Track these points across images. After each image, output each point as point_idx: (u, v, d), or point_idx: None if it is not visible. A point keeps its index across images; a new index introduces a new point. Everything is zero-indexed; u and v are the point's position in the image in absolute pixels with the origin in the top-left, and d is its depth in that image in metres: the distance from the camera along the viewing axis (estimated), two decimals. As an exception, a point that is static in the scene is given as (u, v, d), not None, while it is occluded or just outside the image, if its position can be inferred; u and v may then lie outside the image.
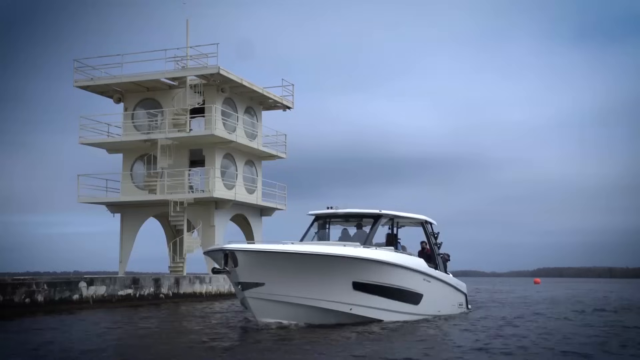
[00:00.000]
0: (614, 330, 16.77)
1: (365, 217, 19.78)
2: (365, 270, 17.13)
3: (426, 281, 19.62)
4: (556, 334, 15.35)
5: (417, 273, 19.19)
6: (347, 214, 19.97)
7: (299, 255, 16.16)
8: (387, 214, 19.62)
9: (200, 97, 27.98)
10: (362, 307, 17.34)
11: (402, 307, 18.50)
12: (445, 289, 21.38)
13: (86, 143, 29.32)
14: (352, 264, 16.83)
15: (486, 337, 14.90)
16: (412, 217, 20.85)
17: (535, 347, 13.02)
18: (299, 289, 16.26)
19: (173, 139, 27.99)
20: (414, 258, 19.57)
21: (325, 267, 16.43)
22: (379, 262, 17.50)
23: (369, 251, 17.60)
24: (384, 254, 17.98)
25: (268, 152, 31.46)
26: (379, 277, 17.53)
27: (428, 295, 19.56)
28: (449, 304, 21.61)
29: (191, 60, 28.12)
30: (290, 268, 16.06)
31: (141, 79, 28.26)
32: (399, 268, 18.25)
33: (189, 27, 29.49)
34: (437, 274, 20.63)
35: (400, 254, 19.00)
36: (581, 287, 68.49)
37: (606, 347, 13.14)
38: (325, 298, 16.70)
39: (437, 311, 20.32)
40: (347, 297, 16.97)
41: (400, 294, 18.34)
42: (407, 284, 18.57)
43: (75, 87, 29.21)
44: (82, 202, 29.31)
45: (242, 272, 15.67)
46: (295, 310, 16.39)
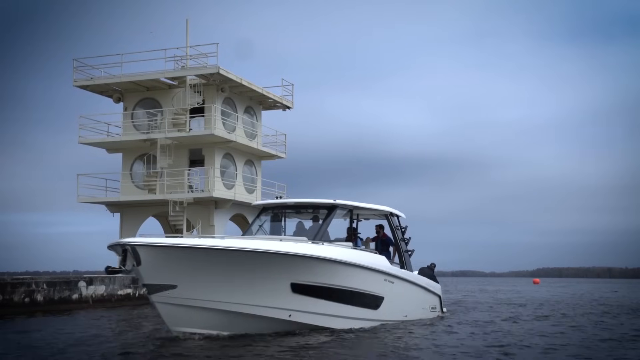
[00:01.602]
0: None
1: (318, 208, 17.50)
2: (306, 269, 14.81)
3: (388, 282, 17.50)
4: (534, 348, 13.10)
5: (376, 273, 16.97)
6: (297, 205, 17.82)
7: (217, 251, 13.52)
8: (343, 205, 17.39)
9: (199, 97, 27.97)
10: (304, 313, 15.00)
11: (356, 313, 16.33)
12: (413, 291, 19.25)
13: (86, 143, 29.31)
14: (289, 262, 14.41)
15: (438, 347, 13.14)
16: (374, 208, 18.64)
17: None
18: (221, 291, 13.80)
19: (173, 139, 27.98)
20: (373, 255, 17.44)
21: (254, 266, 14.01)
22: (323, 260, 15.08)
23: (311, 247, 15.15)
24: (330, 250, 15.56)
25: (268, 151, 31.45)
26: (324, 277, 15.24)
27: (390, 298, 17.45)
28: (419, 308, 19.52)
29: (191, 60, 28.11)
30: (209, 267, 13.58)
31: (141, 78, 28.24)
32: (351, 267, 15.96)
33: (189, 27, 29.49)
34: (402, 274, 18.47)
35: (356, 251, 16.84)
36: (580, 287, 68.51)
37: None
38: (257, 303, 14.21)
39: (404, 316, 18.34)
40: (285, 301, 14.57)
41: (354, 297, 16.12)
42: (363, 286, 16.42)
43: (75, 86, 29.21)
44: (81, 201, 29.30)
45: (146, 272, 13.06)
46: (218, 317, 13.93)
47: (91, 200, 29.34)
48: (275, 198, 17.82)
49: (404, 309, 18.47)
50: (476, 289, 57.07)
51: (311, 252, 14.87)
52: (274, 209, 17.92)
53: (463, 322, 18.99)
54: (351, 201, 17.59)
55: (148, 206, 29.20)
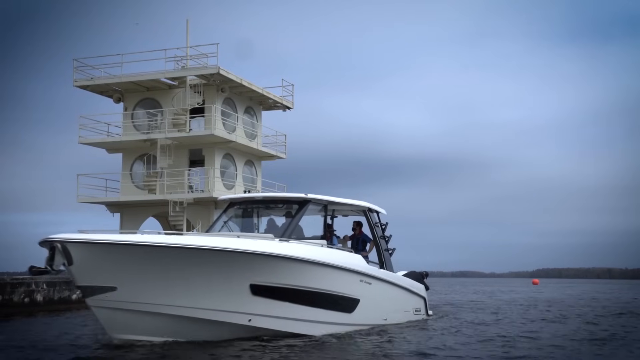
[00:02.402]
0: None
1: (289, 203, 16.25)
2: (266, 269, 13.46)
3: (365, 283, 16.31)
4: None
5: (350, 273, 15.74)
6: (266, 200, 16.63)
7: (162, 249, 12.14)
8: (316, 200, 16.13)
9: (200, 97, 27.98)
10: (265, 318, 13.72)
11: (327, 316, 15.06)
12: (394, 292, 18.12)
13: (86, 143, 29.31)
14: (246, 261, 13.02)
15: (416, 351, 12.38)
16: (350, 203, 17.55)
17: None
18: (168, 294, 12.45)
19: (173, 139, 27.99)
20: (347, 254, 16.25)
21: (207, 265, 12.66)
22: (287, 260, 13.70)
23: (272, 245, 13.70)
24: (296, 248, 14.24)
25: (268, 152, 31.46)
26: (289, 278, 13.91)
27: (367, 301, 16.26)
28: (400, 310, 18.45)
29: (191, 60, 28.12)
30: (153, 266, 12.19)
31: (141, 78, 28.25)
32: (321, 267, 14.64)
33: (189, 28, 29.50)
34: (381, 274, 17.37)
35: (327, 249, 15.50)
36: (580, 288, 68.47)
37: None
38: (211, 306, 12.93)
39: (383, 319, 17.25)
40: (243, 304, 13.28)
41: (325, 300, 14.84)
42: (335, 287, 15.16)
43: (75, 86, 29.21)
44: (81, 201, 29.30)
45: (80, 273, 11.73)
46: (165, 323, 12.61)
47: (91, 200, 29.33)
48: (243, 192, 16.64)
49: (383, 312, 17.42)
50: (470, 290, 56.94)
51: (271, 250, 13.48)
52: (242, 204, 16.74)
53: (447, 325, 18.26)
54: (326, 196, 16.53)
55: (148, 206, 29.20)
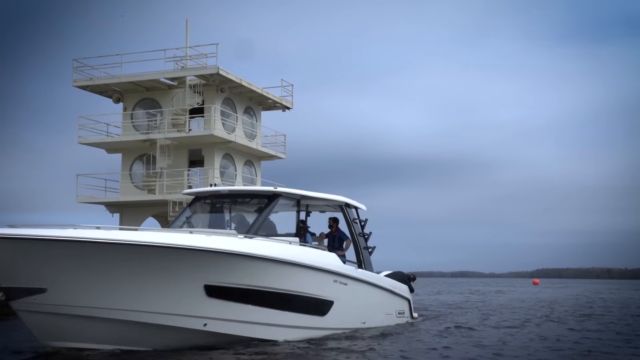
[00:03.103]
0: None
1: (257, 197, 15.26)
2: (223, 268, 12.32)
3: (339, 284, 15.24)
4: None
5: (322, 273, 14.64)
6: (233, 194, 15.56)
7: (99, 245, 10.83)
8: (288, 194, 15.15)
9: (199, 97, 27.98)
10: (223, 322, 12.60)
11: (296, 320, 14.00)
12: (374, 294, 17.05)
13: (85, 143, 29.31)
14: (199, 259, 11.87)
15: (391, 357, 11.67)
16: (325, 198, 16.43)
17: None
18: (109, 296, 11.22)
19: (172, 139, 27.99)
20: (319, 252, 15.15)
21: (154, 264, 11.45)
22: (247, 258, 12.56)
23: (229, 241, 12.51)
24: (259, 245, 13.03)
25: (267, 152, 31.47)
26: (250, 278, 12.78)
27: (342, 302, 15.20)
28: (381, 313, 17.44)
29: (190, 60, 28.12)
30: (90, 265, 10.94)
31: (140, 79, 28.25)
32: (287, 266, 13.49)
33: (189, 28, 29.50)
34: (359, 274, 16.34)
35: (296, 247, 14.42)
36: (578, 288, 68.47)
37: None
38: (159, 309, 11.71)
39: (361, 323, 16.27)
40: (197, 307, 12.16)
41: (293, 302, 13.74)
42: (306, 288, 14.08)
43: (75, 86, 29.21)
44: (80, 202, 29.29)
45: (2, 272, 10.55)
46: (109, 328, 11.39)
47: (90, 200, 29.33)
48: (209, 186, 15.56)
49: (362, 315, 16.36)
50: (466, 291, 56.84)
51: (227, 247, 12.26)
52: (207, 198, 15.57)
53: (433, 329, 17.36)
54: (299, 190, 15.57)
55: (147, 206, 29.19)
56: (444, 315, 22.42)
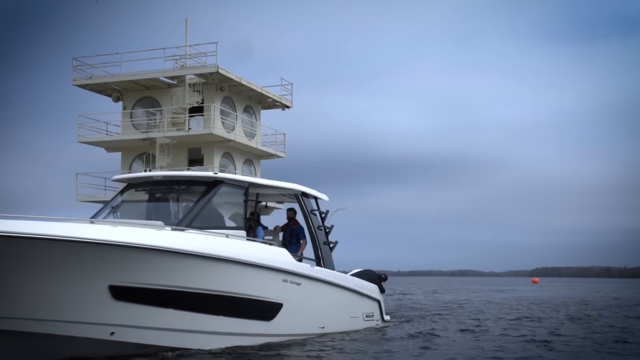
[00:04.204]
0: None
1: (195, 183, 13.47)
2: (134, 266, 10.41)
3: (291, 283, 13.61)
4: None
5: (268, 271, 12.91)
6: (167, 180, 13.76)
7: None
8: (232, 180, 13.64)
9: (199, 96, 28.00)
10: (137, 330, 10.76)
11: (233, 326, 12.32)
12: (335, 295, 15.47)
13: (85, 142, 29.32)
14: (100, 255, 9.89)
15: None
16: (277, 186, 15.04)
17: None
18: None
19: (172, 138, 27.99)
20: (267, 248, 13.54)
21: (45, 260, 9.40)
22: (164, 254, 10.70)
23: (142, 234, 10.58)
24: (181, 239, 11.21)
25: (267, 151, 31.48)
26: (171, 278, 10.96)
27: (294, 305, 13.63)
28: (344, 316, 15.95)
29: (190, 59, 28.13)
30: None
31: (140, 77, 28.26)
32: (220, 263, 11.74)
33: (188, 27, 29.49)
34: (316, 273, 14.71)
35: (236, 242, 12.63)
36: (578, 287, 68.47)
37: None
38: (54, 316, 9.74)
39: (319, 327, 14.74)
40: (102, 313, 10.33)
41: (228, 305, 12.07)
42: (245, 289, 12.38)
43: (74, 85, 29.22)
44: (80, 200, 29.30)
45: None
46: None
47: (90, 199, 29.33)
48: (143, 171, 13.38)
49: (319, 319, 14.80)
50: (462, 290, 56.65)
51: (139, 240, 10.37)
52: (141, 185, 13.84)
53: (401, 333, 16.00)
54: (246, 176, 14.23)
55: (147, 205, 29.16)
56: (420, 318, 21.04)
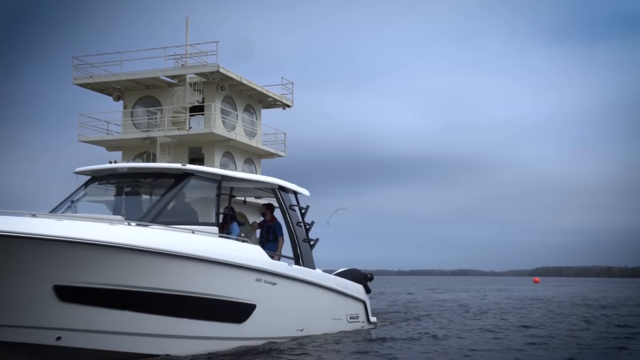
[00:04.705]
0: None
1: (162, 176, 12.81)
2: (82, 264, 9.60)
3: (264, 283, 12.84)
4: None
5: (239, 270, 12.13)
6: (133, 172, 13.29)
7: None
8: (202, 173, 12.82)
9: (199, 95, 28.01)
10: (87, 334, 9.93)
11: (201, 329, 11.57)
12: (315, 295, 14.77)
13: (85, 141, 29.32)
14: (42, 252, 9.13)
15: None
16: (253, 179, 14.48)
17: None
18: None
19: (172, 137, 28.00)
20: (239, 245, 12.82)
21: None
22: (121, 251, 9.91)
23: (100, 229, 9.90)
24: (139, 235, 10.46)
25: (267, 150, 31.48)
26: (125, 277, 10.15)
27: (268, 306, 12.93)
28: (325, 318, 15.30)
29: (191, 59, 28.15)
30: None
31: (140, 76, 28.28)
32: (183, 261, 10.91)
33: (189, 26, 29.50)
34: (293, 272, 14.02)
35: (203, 238, 11.82)
36: (578, 287, 68.40)
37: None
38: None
39: (297, 330, 14.13)
40: (46, 316, 9.55)
41: (194, 307, 11.33)
42: (212, 289, 11.59)
43: (74, 84, 29.23)
44: (81, 200, 29.26)
45: None
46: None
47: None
48: (108, 162, 12.55)
49: (298, 320, 14.15)
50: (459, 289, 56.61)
51: (87, 236, 9.54)
52: (105, 178, 13.27)
53: (386, 336, 15.33)
54: (219, 169, 12.90)
55: (148, 204, 29.16)
56: (410, 319, 20.29)
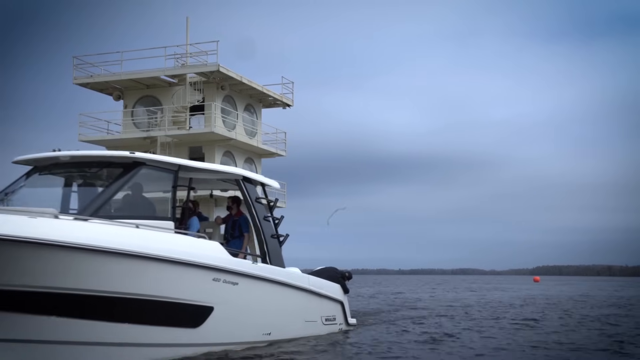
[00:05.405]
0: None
1: (110, 166, 11.62)
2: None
3: (224, 283, 11.72)
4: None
5: (193, 269, 11.00)
6: (77, 161, 11.82)
7: None
8: (155, 162, 11.77)
9: (200, 95, 28.03)
10: (3, 344, 9.02)
11: (147, 335, 10.46)
12: (283, 296, 13.62)
13: (85, 140, 29.33)
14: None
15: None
16: (214, 170, 13.38)
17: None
18: None
19: (173, 137, 28.01)
20: (192, 241, 11.62)
21: None
22: (44, 247, 8.91)
23: (20, 223, 8.90)
24: (68, 230, 9.35)
25: (268, 149, 31.49)
26: (51, 278, 9.12)
27: (228, 309, 11.78)
28: (297, 320, 14.21)
29: (191, 58, 28.17)
30: None
31: (141, 76, 28.31)
32: (121, 260, 9.77)
33: (189, 26, 29.51)
34: (257, 271, 12.76)
35: (148, 234, 10.61)
36: (578, 286, 68.38)
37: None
38: None
39: (263, 334, 12.92)
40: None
41: (136, 310, 10.19)
42: (159, 290, 10.41)
43: (75, 84, 29.24)
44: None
45: None
46: None
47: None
48: (52, 151, 11.59)
49: (263, 324, 12.96)
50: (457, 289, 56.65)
51: (10, 231, 8.63)
52: (47, 168, 11.95)
53: (366, 339, 14.47)
54: (175, 158, 12.54)
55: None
56: (392, 321, 19.53)
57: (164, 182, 12.12)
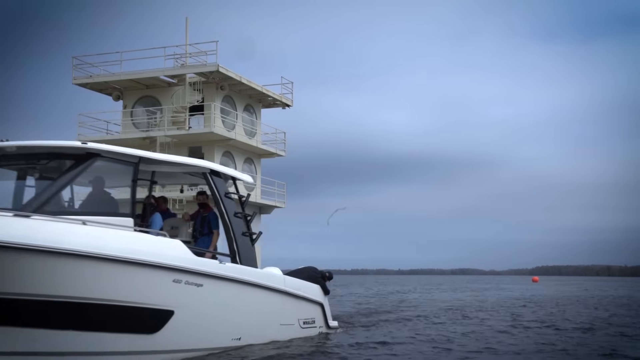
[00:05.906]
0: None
1: (59, 157, 10.76)
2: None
3: (186, 285, 10.75)
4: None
5: (149, 270, 10.08)
6: (25, 152, 10.65)
7: None
8: (111, 154, 10.96)
9: (199, 95, 28.04)
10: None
11: (98, 343, 9.55)
12: (253, 298, 12.63)
13: (85, 140, 29.31)
14: None
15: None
16: (178, 162, 12.51)
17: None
18: None
19: (172, 137, 28.03)
20: (149, 239, 10.84)
21: None
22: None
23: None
24: (8, 225, 8.56)
25: (267, 150, 31.51)
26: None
27: (191, 312, 10.90)
28: (271, 324, 13.29)
29: (190, 58, 28.19)
30: None
31: (140, 76, 28.32)
32: (67, 259, 8.90)
33: (189, 26, 29.54)
34: (225, 271, 11.84)
35: (102, 231, 9.80)
36: (577, 286, 68.41)
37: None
38: None
39: (232, 339, 12.00)
40: None
41: (85, 316, 9.31)
42: (110, 293, 9.50)
43: (74, 84, 29.25)
44: (81, 199, 29.25)
45: None
46: None
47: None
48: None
49: (232, 328, 12.08)
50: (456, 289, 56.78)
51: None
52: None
53: (346, 343, 13.73)
54: (135, 149, 11.78)
55: (148, 204, 29.16)
56: (375, 323, 18.88)
57: (123, 175, 11.32)
